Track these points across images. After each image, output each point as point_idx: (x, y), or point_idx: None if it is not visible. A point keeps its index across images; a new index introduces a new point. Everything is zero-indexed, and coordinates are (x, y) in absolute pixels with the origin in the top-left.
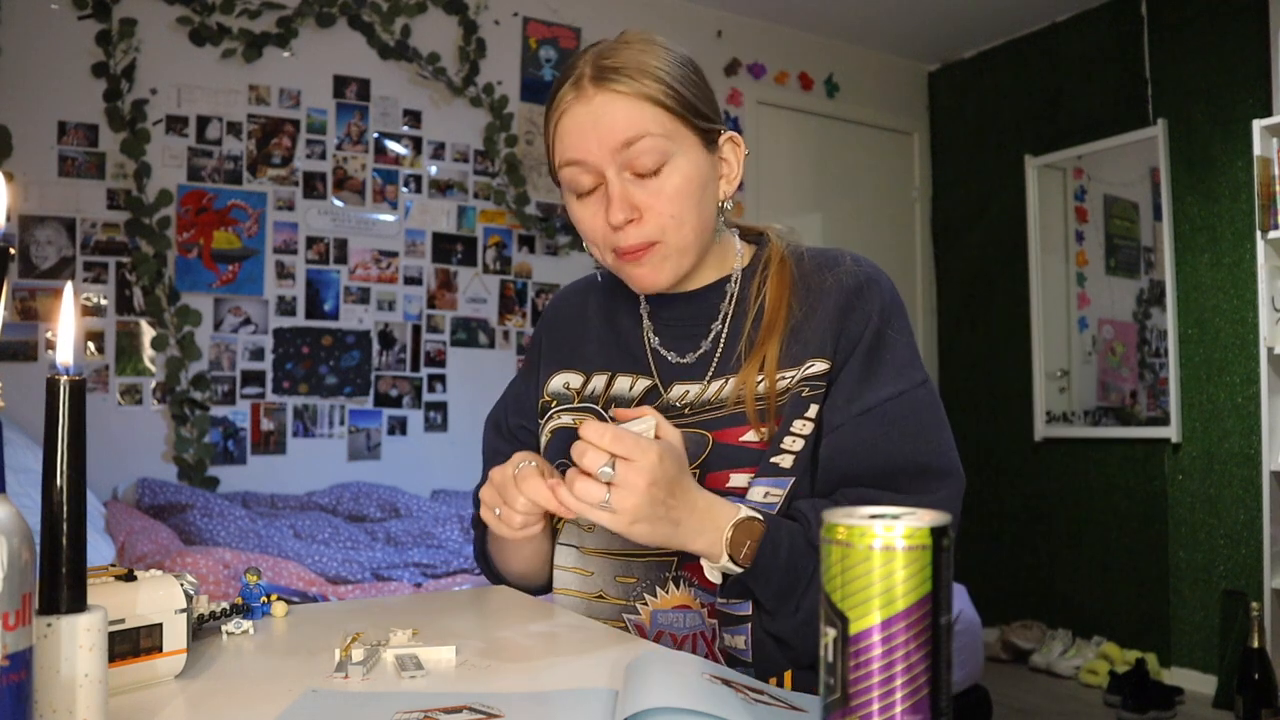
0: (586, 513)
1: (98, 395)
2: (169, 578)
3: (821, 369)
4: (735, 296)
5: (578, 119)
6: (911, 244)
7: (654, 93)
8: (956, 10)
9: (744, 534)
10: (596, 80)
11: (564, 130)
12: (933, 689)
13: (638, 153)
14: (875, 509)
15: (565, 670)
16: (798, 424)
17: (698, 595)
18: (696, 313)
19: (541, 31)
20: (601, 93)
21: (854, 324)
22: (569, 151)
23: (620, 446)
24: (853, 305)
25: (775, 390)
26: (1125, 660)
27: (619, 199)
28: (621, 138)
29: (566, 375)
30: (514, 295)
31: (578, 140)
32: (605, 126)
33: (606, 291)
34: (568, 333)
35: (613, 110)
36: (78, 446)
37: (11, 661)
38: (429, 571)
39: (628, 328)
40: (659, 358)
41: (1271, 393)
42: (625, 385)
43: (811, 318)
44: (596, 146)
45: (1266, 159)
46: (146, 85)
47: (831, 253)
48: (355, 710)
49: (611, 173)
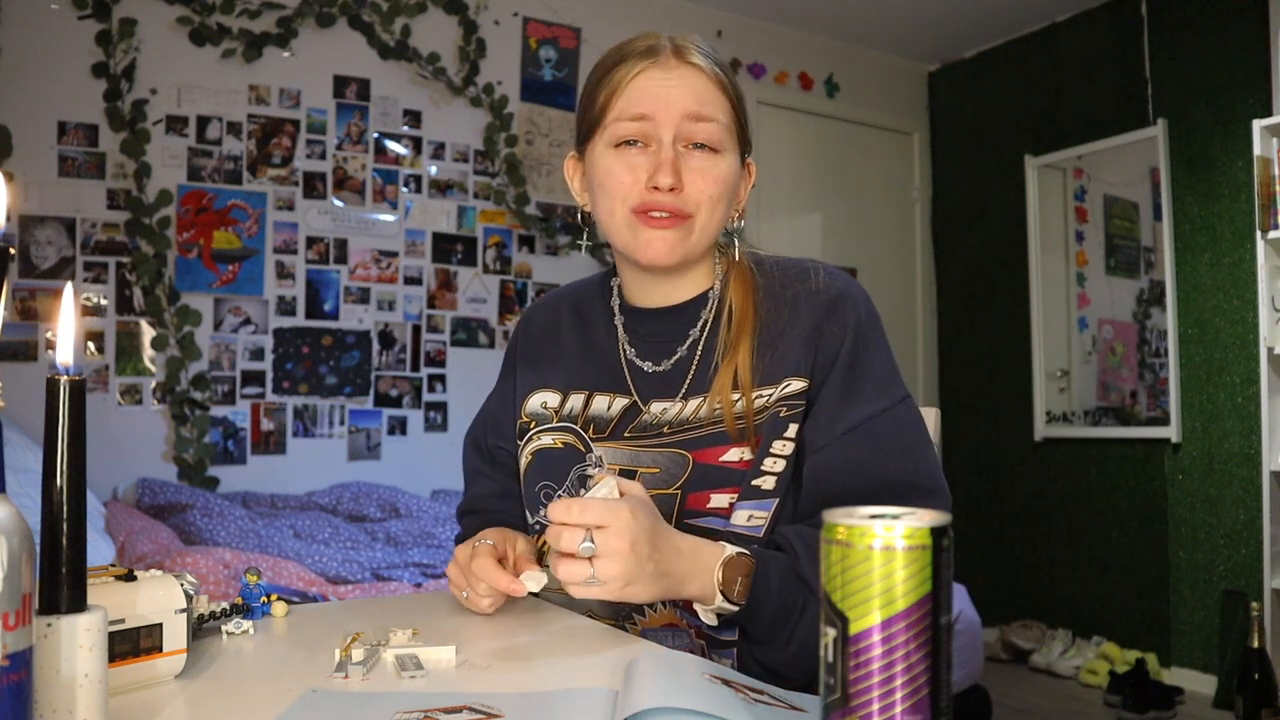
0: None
1: (98, 395)
2: (169, 578)
3: (799, 388)
4: (714, 305)
5: (655, 79)
6: (911, 244)
7: (726, 86)
8: (956, 10)
9: (735, 570)
10: (679, 54)
11: (636, 87)
12: (933, 689)
13: (701, 129)
14: (875, 509)
15: (565, 670)
16: (777, 444)
17: (684, 616)
18: (672, 328)
19: (541, 31)
20: (684, 65)
21: (829, 341)
22: (637, 106)
23: (591, 516)
24: (827, 321)
25: (753, 409)
26: (1125, 660)
27: (670, 164)
28: (695, 109)
29: (544, 395)
30: (514, 295)
31: (651, 98)
32: (684, 94)
33: (577, 308)
34: (541, 351)
35: (694, 82)
36: (78, 446)
37: (11, 661)
38: (429, 571)
39: (602, 341)
40: (635, 369)
41: (1271, 393)
42: (603, 404)
43: (784, 332)
44: (670, 107)
45: (1266, 159)
46: (146, 85)
47: (801, 263)
48: (355, 710)
49: (669, 138)
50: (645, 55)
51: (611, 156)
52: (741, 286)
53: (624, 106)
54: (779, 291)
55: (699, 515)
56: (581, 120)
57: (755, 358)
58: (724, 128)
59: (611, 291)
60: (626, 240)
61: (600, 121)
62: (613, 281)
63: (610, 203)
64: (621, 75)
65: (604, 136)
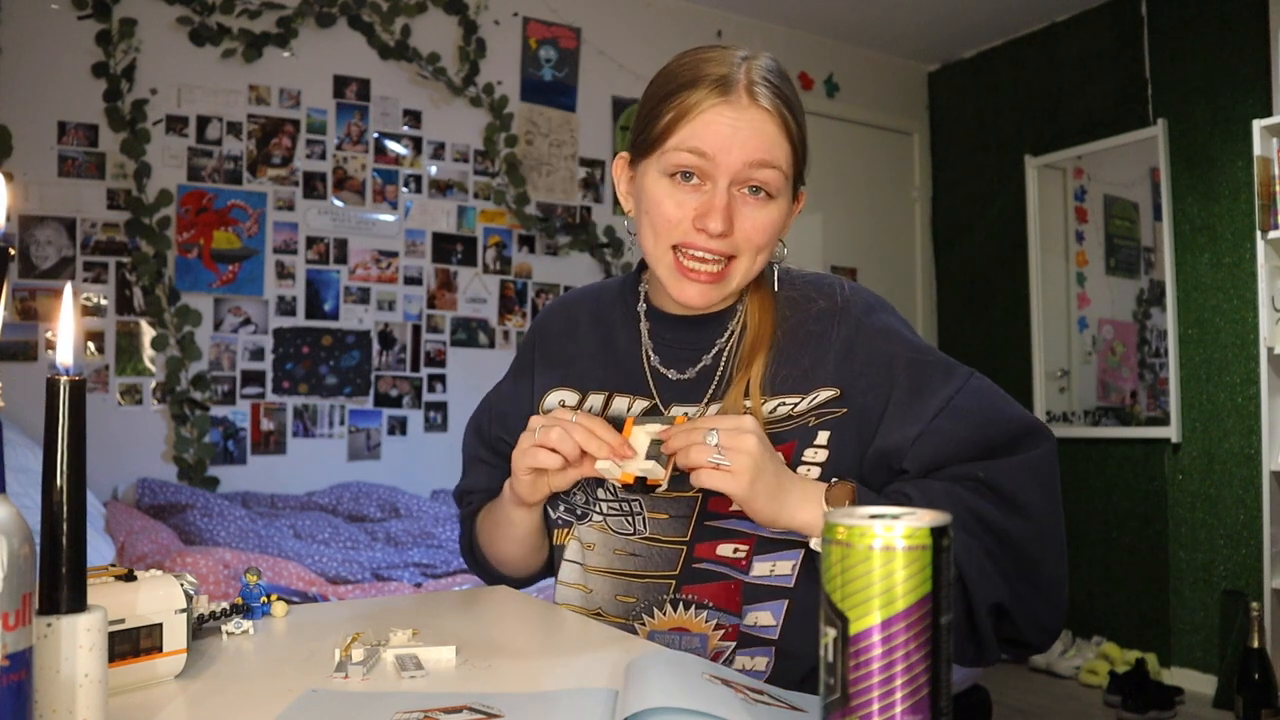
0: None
1: (98, 395)
2: (169, 578)
3: (829, 396)
4: (743, 317)
5: (724, 117)
6: (911, 244)
7: (794, 133)
8: (956, 10)
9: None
10: (753, 92)
11: (703, 122)
12: (933, 689)
13: (760, 175)
14: (875, 509)
15: (565, 670)
16: (809, 452)
17: (715, 618)
18: (699, 337)
19: (541, 31)
20: (756, 108)
21: (875, 356)
22: (700, 142)
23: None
24: (861, 338)
25: (763, 417)
26: (1125, 660)
27: (723, 210)
28: (757, 157)
29: (562, 393)
30: (514, 295)
31: (716, 137)
32: (750, 140)
33: (599, 308)
34: (560, 349)
35: (763, 129)
36: (78, 446)
37: (11, 661)
38: (429, 571)
39: (624, 344)
40: (658, 376)
41: (1271, 393)
42: (624, 406)
43: (808, 345)
44: (731, 152)
45: (1266, 159)
46: (146, 85)
47: (825, 279)
48: (355, 710)
49: (725, 182)
50: (719, 88)
51: (664, 187)
52: (759, 301)
53: (685, 137)
54: (802, 307)
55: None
56: (640, 129)
57: (772, 369)
58: (782, 174)
59: (639, 295)
60: (664, 275)
61: (660, 144)
62: (642, 282)
63: (654, 233)
64: (692, 103)
65: (660, 161)
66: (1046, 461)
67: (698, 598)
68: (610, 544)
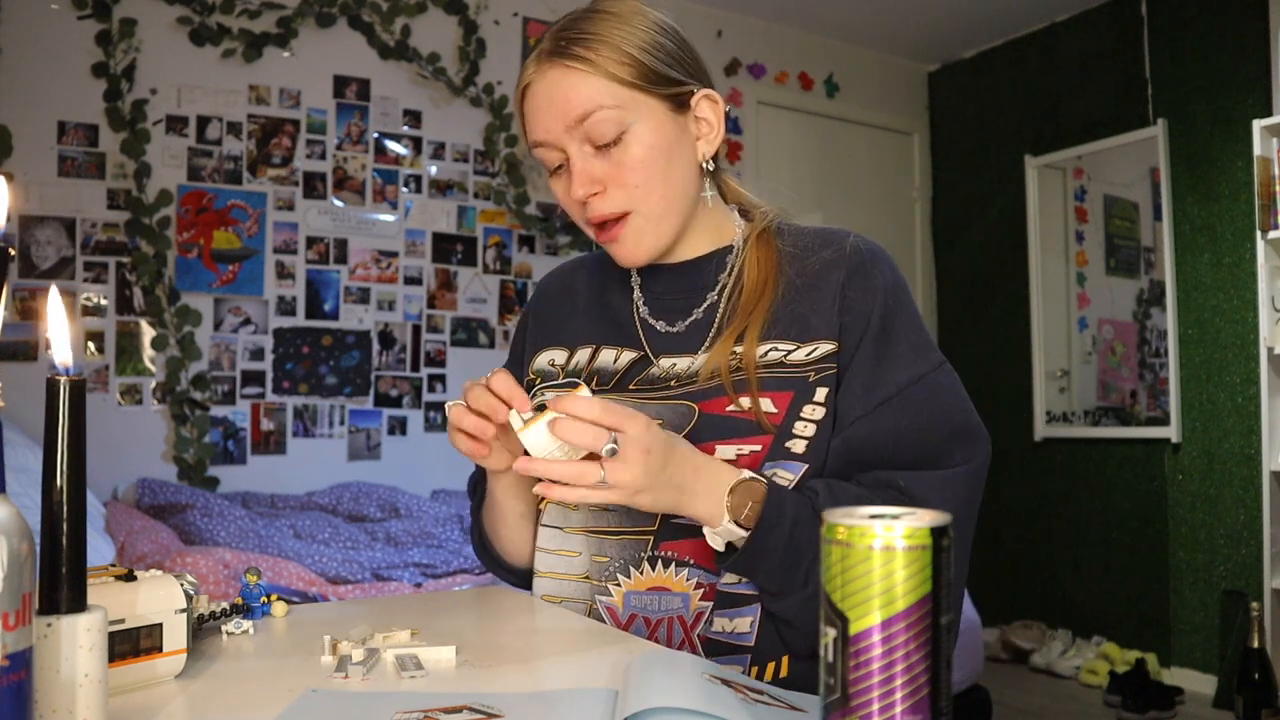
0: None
1: (98, 395)
2: (169, 578)
3: (828, 350)
4: (735, 268)
5: (536, 97)
6: (911, 244)
7: (606, 64)
8: (956, 10)
9: (745, 495)
10: (551, 55)
11: (528, 110)
12: (933, 689)
13: (593, 125)
14: (875, 509)
15: (565, 670)
16: (807, 409)
17: (695, 576)
18: (689, 284)
19: (541, 31)
20: (554, 69)
21: (857, 303)
22: (533, 132)
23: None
24: (853, 283)
25: (754, 361)
26: (1125, 660)
27: (580, 174)
28: (575, 114)
29: (552, 352)
30: (514, 295)
31: (537, 118)
32: (558, 104)
33: (596, 269)
34: (554, 310)
35: (564, 87)
36: (78, 446)
37: (11, 661)
38: (429, 571)
39: (617, 302)
40: (648, 328)
41: (1271, 393)
42: (610, 357)
43: (808, 295)
44: (552, 124)
45: (1266, 159)
46: (146, 85)
47: (833, 231)
48: (355, 710)
49: (573, 148)
50: (533, 61)
51: (552, 183)
52: (759, 256)
53: (529, 134)
54: (807, 261)
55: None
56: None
57: (772, 323)
58: (617, 108)
59: None
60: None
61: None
62: None
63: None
64: (519, 92)
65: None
66: (975, 475)
67: (677, 554)
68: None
